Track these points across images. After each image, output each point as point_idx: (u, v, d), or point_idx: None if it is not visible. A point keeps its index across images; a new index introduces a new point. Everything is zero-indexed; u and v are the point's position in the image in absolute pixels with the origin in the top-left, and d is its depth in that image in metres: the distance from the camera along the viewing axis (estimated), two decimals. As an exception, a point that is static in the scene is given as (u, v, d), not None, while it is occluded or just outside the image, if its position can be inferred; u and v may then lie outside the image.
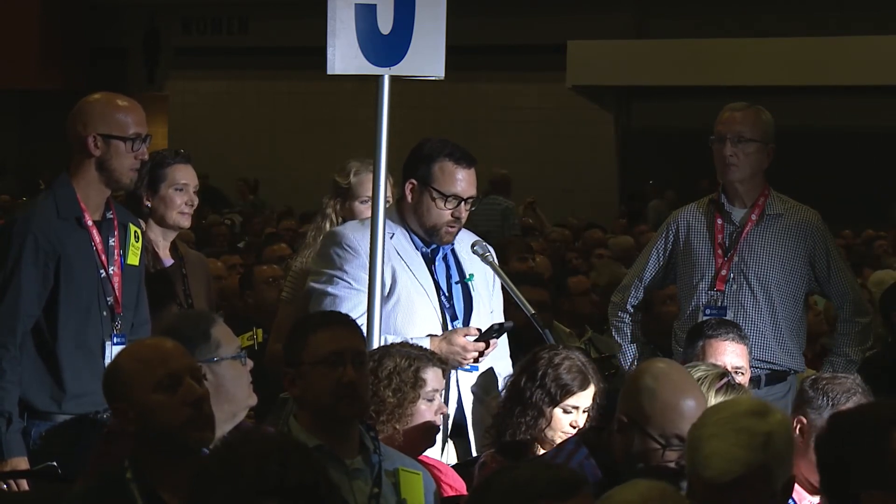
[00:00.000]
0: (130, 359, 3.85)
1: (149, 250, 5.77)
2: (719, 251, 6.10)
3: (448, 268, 5.52)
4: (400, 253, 5.43)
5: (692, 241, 6.16)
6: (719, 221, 6.13)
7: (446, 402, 5.30)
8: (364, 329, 5.12)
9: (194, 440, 3.75)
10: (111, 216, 5.22)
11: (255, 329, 6.77)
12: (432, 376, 4.76)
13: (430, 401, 4.76)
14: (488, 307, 5.56)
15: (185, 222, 6.01)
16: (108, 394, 3.83)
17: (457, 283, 5.51)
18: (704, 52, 22.40)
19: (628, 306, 6.34)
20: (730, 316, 5.98)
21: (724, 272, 6.06)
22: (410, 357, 4.77)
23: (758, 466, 3.70)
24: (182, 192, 5.92)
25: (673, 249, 6.23)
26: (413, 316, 5.39)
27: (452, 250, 5.54)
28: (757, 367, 5.90)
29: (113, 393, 3.81)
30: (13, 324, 5.00)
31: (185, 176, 5.95)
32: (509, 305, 5.77)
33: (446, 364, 4.95)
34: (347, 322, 4.33)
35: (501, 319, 5.54)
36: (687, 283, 6.17)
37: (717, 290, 6.05)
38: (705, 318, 5.99)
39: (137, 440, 3.76)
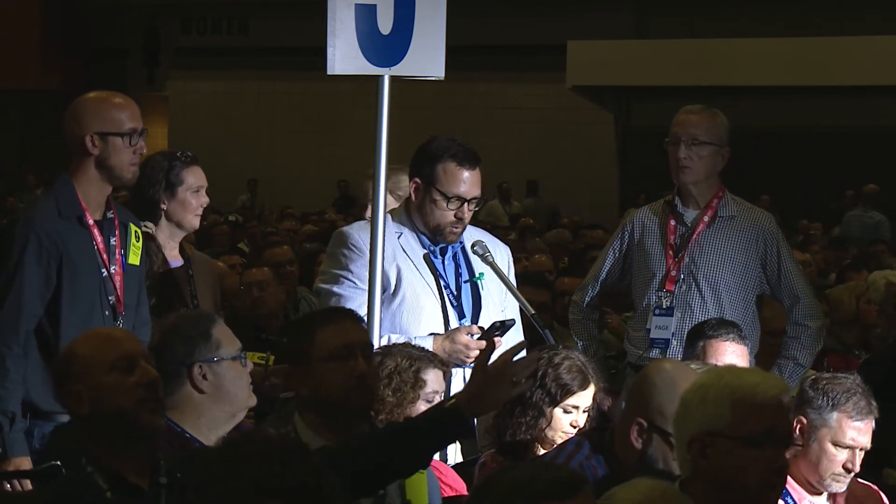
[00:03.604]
0: (85, 343, 3.84)
1: (158, 254, 5.79)
2: (670, 252, 6.10)
3: (457, 266, 5.53)
4: (407, 252, 5.44)
5: (645, 242, 6.18)
6: (672, 222, 6.14)
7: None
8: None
9: (146, 422, 3.74)
10: (112, 215, 5.23)
11: (268, 354, 6.78)
12: (433, 378, 4.76)
13: (430, 402, 4.75)
14: (499, 306, 5.56)
15: (198, 223, 6.08)
16: (62, 377, 3.80)
17: (466, 281, 5.52)
18: (704, 52, 22.41)
19: (584, 304, 6.36)
20: (677, 317, 5.99)
21: (673, 273, 6.07)
22: (412, 357, 4.77)
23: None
24: (198, 195, 5.97)
25: (628, 249, 6.26)
26: (419, 315, 5.39)
27: (462, 249, 5.55)
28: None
29: (67, 376, 3.79)
30: (17, 323, 5.01)
31: (199, 179, 6.00)
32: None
33: (447, 366, 4.95)
34: (352, 315, 4.32)
35: (516, 318, 5.54)
36: (640, 282, 6.19)
37: (666, 291, 6.06)
38: (654, 317, 6.02)
39: (91, 425, 3.75)
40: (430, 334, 5.34)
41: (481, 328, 5.34)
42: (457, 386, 5.37)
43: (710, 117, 6.16)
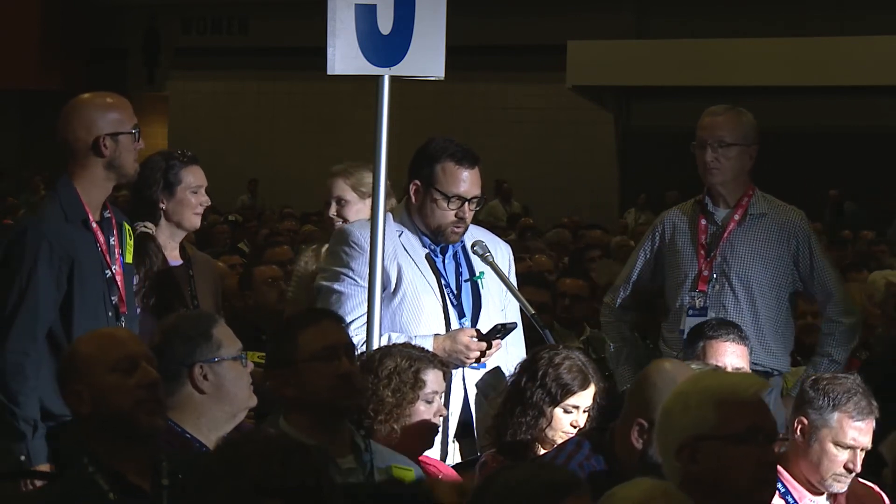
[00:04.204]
0: (88, 343, 3.88)
1: (158, 254, 5.79)
2: (702, 252, 6.08)
3: (458, 265, 5.53)
4: (408, 250, 5.45)
5: (677, 242, 6.16)
6: (703, 222, 6.11)
7: (448, 402, 5.30)
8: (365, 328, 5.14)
9: (144, 423, 3.76)
10: (108, 215, 5.24)
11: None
12: (433, 378, 4.76)
13: (430, 402, 4.75)
14: (499, 305, 5.56)
15: (199, 223, 6.06)
16: (65, 377, 3.84)
17: (466, 280, 5.52)
18: (704, 52, 22.41)
19: (616, 306, 6.35)
20: (711, 316, 5.95)
21: (705, 272, 6.05)
22: (412, 358, 4.77)
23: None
24: (197, 194, 5.97)
25: (659, 250, 6.23)
26: (419, 313, 5.40)
27: (463, 248, 5.55)
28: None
29: (69, 375, 3.82)
30: (34, 330, 5.02)
31: (198, 178, 5.99)
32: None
33: (447, 367, 4.95)
34: (333, 316, 4.36)
35: (517, 318, 5.54)
36: (672, 283, 6.17)
37: (699, 291, 6.04)
38: (688, 318, 5.99)
39: (91, 426, 3.77)
40: (432, 334, 5.34)
41: (479, 331, 5.34)
42: (456, 385, 5.38)
43: (735, 117, 6.14)
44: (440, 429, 4.93)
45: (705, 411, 3.65)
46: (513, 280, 5.60)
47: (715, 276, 6.03)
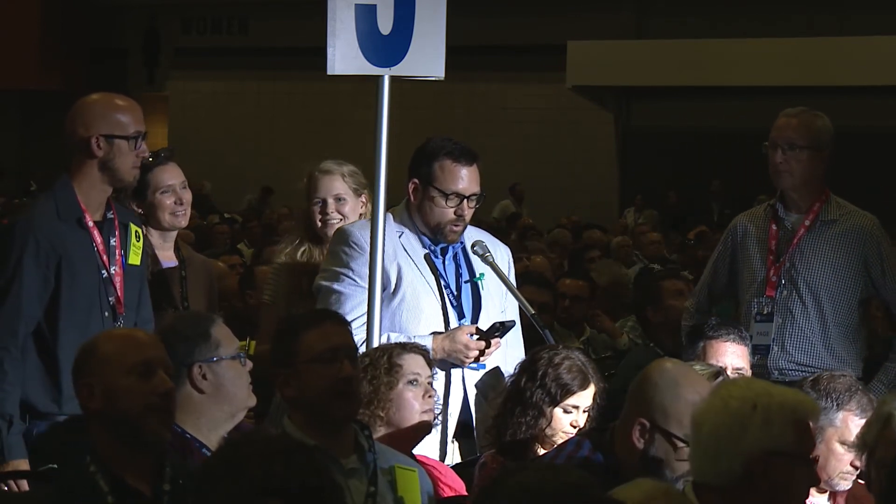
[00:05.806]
0: (109, 341, 3.86)
1: (148, 253, 5.78)
2: (770, 257, 6.01)
3: (458, 266, 5.53)
4: (408, 251, 5.45)
5: (748, 247, 6.09)
6: (773, 227, 6.04)
7: (448, 402, 5.30)
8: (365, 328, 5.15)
9: (151, 430, 3.74)
10: (111, 216, 5.22)
11: (248, 339, 6.80)
12: (410, 361, 4.76)
13: (414, 384, 4.75)
14: (499, 306, 5.56)
15: (181, 221, 6.00)
16: (79, 370, 3.81)
17: (466, 281, 5.52)
18: (704, 52, 22.40)
19: (695, 311, 6.26)
20: (777, 322, 5.91)
21: (773, 278, 5.97)
22: (385, 349, 4.81)
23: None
24: (169, 194, 5.92)
25: (732, 255, 6.17)
26: (419, 314, 5.40)
27: (463, 249, 5.55)
28: (804, 372, 5.83)
29: (84, 369, 3.80)
30: (15, 325, 5.00)
31: (169, 177, 5.94)
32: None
33: (424, 350, 4.93)
34: (338, 319, 4.34)
35: (516, 319, 5.54)
36: (743, 288, 6.11)
37: (766, 297, 5.98)
38: (755, 324, 5.94)
39: (99, 424, 3.76)
40: (431, 333, 5.34)
41: (479, 329, 5.34)
42: (456, 386, 5.38)
43: (809, 121, 6.08)
44: (439, 413, 4.94)
45: (785, 428, 3.63)
46: (513, 282, 5.60)
47: (783, 281, 5.96)
